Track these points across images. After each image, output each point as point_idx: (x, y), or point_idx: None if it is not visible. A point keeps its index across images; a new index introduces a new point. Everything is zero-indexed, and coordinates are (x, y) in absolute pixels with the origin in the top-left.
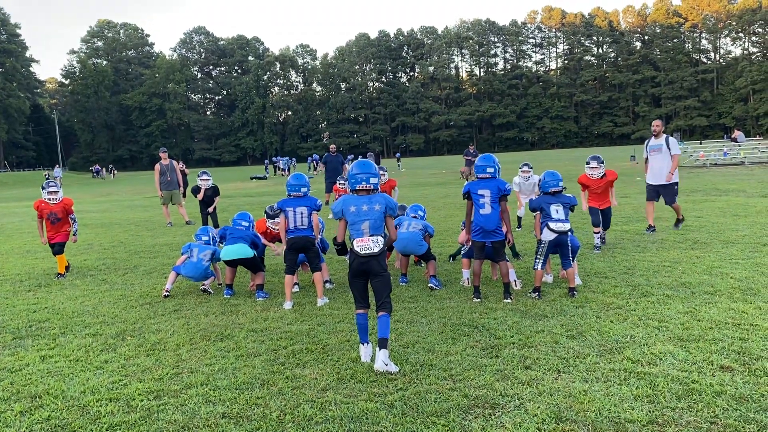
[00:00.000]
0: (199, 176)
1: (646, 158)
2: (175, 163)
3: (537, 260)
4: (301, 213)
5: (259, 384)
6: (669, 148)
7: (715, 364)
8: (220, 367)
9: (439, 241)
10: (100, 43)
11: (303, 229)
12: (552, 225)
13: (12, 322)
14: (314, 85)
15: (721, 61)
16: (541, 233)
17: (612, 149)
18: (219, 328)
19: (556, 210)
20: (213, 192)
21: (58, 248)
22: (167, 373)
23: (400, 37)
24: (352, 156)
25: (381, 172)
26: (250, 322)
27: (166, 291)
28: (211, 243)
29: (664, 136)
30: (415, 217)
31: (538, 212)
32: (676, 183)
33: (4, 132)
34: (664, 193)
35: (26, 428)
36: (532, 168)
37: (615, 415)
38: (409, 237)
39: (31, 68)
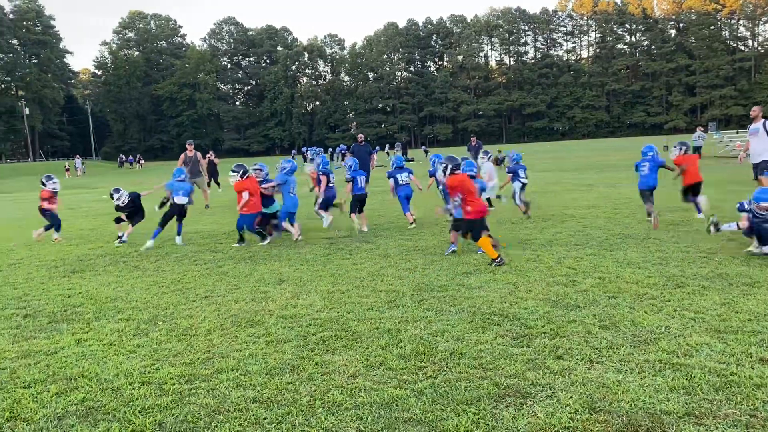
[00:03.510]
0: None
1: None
2: (199, 155)
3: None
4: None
5: (289, 369)
6: (766, 131)
7: (754, 356)
8: (251, 353)
9: None
10: (131, 34)
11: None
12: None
13: (48, 307)
14: (342, 75)
15: (760, 48)
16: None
17: (644, 139)
18: (249, 314)
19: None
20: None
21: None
22: (198, 358)
23: (429, 26)
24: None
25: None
26: (279, 309)
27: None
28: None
29: (762, 120)
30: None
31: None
32: None
33: (40, 122)
34: (761, 169)
35: (62, 409)
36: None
37: (650, 407)
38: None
39: (65, 59)
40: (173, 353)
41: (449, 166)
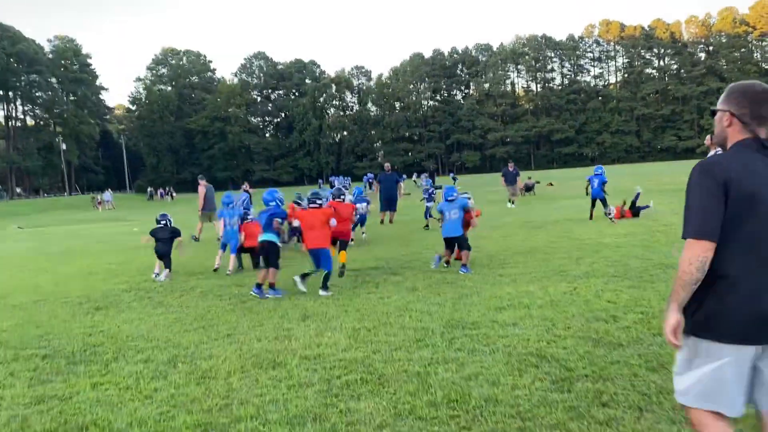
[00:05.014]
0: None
1: None
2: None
3: None
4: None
5: (311, 418)
6: None
7: None
8: (271, 398)
9: (499, 262)
10: (164, 70)
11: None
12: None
13: (68, 347)
14: (369, 105)
15: None
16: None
17: (676, 164)
18: (272, 354)
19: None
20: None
21: None
22: (216, 404)
23: (455, 55)
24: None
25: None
26: (302, 348)
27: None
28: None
29: (717, 149)
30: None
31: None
32: None
33: (76, 157)
34: None
35: None
36: None
37: None
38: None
39: (100, 95)
40: (191, 399)
41: (332, 195)
